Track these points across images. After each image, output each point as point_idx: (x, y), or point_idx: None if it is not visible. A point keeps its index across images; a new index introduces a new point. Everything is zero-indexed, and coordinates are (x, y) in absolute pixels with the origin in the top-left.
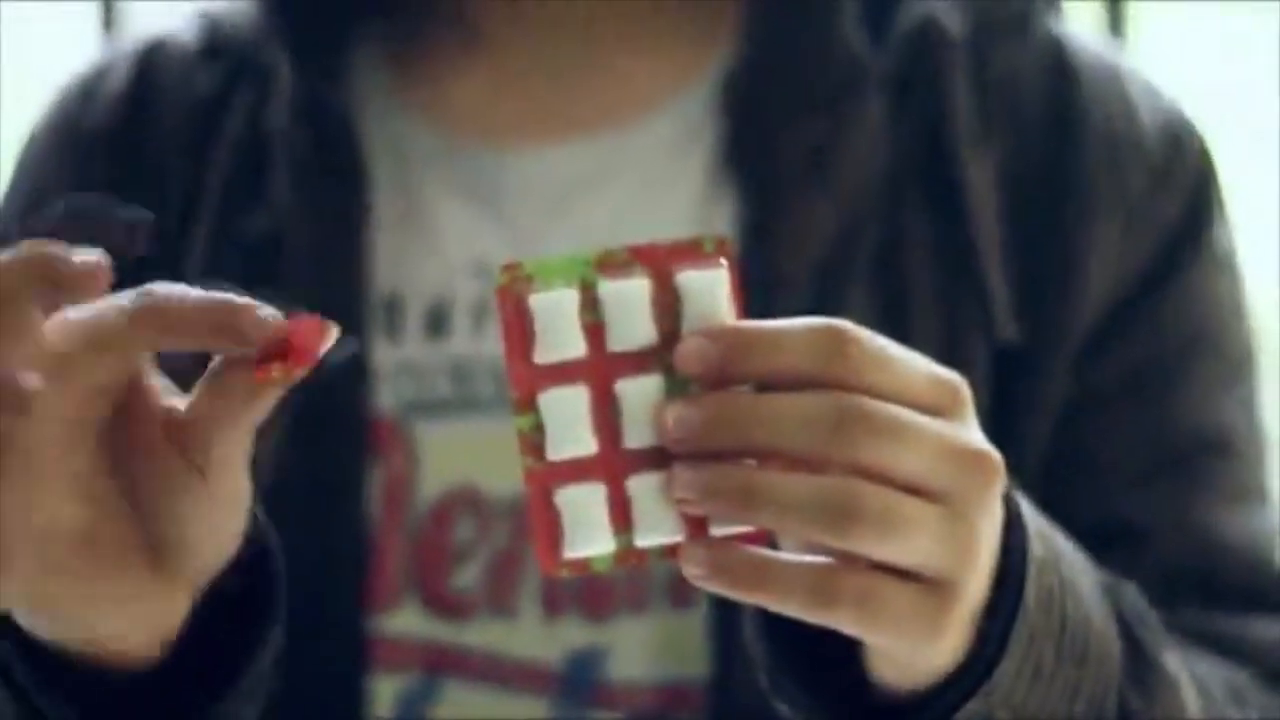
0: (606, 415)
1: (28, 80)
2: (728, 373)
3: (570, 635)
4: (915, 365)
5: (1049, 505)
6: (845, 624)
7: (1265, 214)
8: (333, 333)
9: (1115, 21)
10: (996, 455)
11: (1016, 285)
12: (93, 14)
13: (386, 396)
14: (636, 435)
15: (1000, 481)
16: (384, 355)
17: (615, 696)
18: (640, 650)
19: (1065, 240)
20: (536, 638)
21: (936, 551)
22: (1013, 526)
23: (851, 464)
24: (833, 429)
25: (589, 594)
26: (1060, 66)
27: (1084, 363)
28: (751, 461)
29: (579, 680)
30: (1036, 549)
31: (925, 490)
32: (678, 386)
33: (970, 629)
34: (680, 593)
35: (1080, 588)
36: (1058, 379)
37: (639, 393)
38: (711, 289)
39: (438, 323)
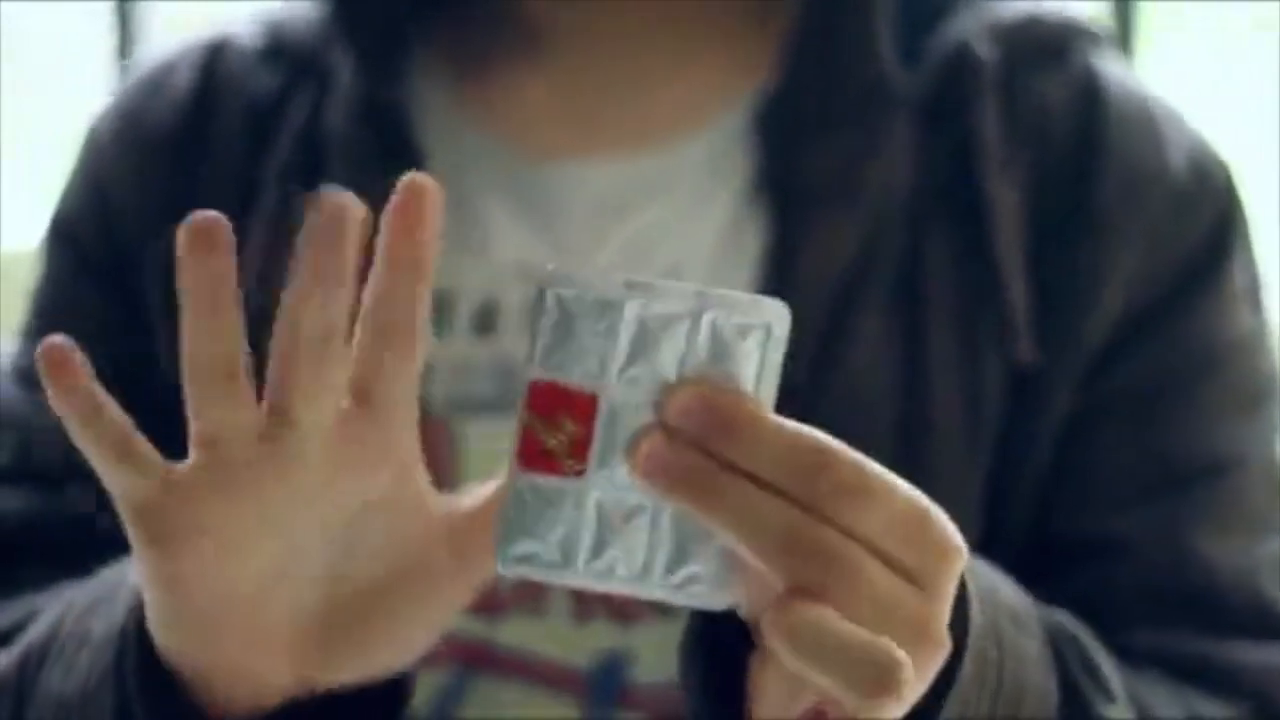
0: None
1: (29, 80)
2: (696, 440)
3: (598, 637)
4: (893, 506)
5: (1049, 516)
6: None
7: (1269, 217)
8: None
9: (1124, 23)
10: (959, 541)
11: (1035, 308)
12: (104, 13)
13: (434, 392)
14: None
15: (960, 566)
16: (434, 351)
17: (641, 699)
18: (664, 655)
19: (1084, 265)
20: (566, 638)
21: (888, 618)
22: (960, 598)
23: (818, 513)
24: (811, 470)
25: (617, 598)
26: (1091, 97)
27: (1090, 379)
28: None
29: (606, 682)
30: (977, 617)
31: (888, 559)
32: None
33: None
34: None
35: (1023, 649)
36: (1067, 397)
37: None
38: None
39: (485, 322)
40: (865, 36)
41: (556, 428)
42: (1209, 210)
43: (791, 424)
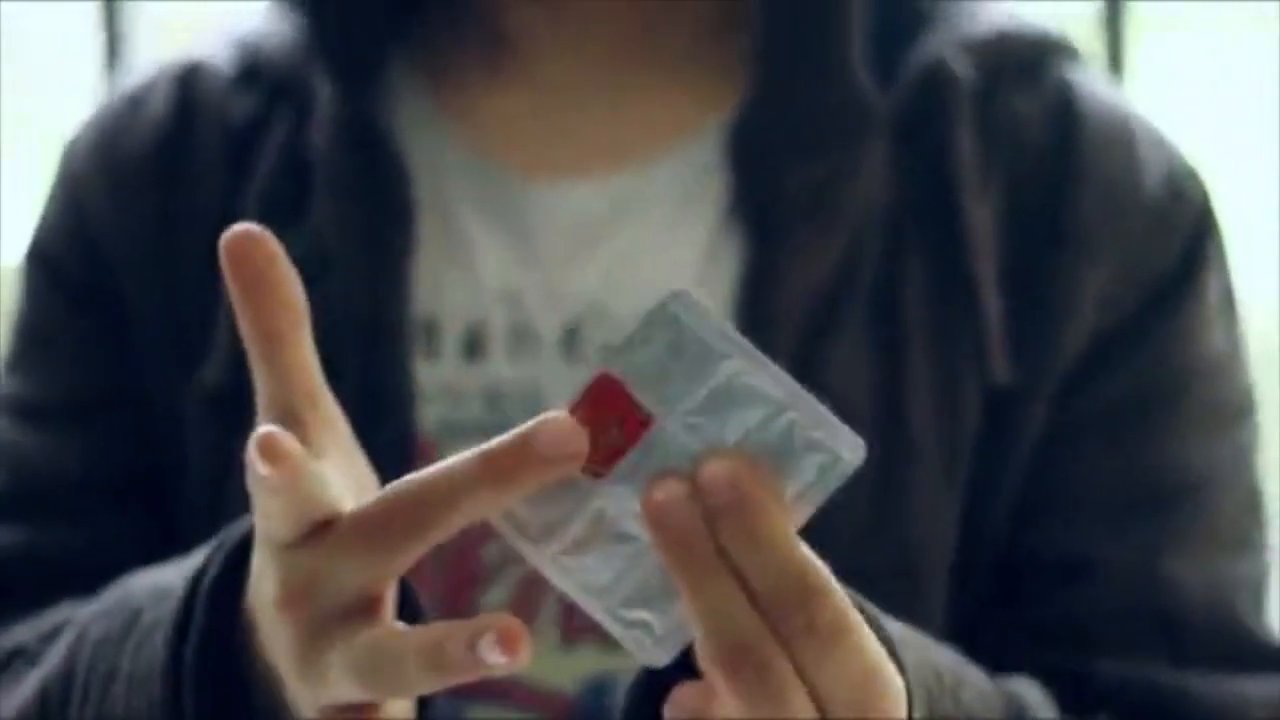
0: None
1: (29, 80)
2: (710, 513)
3: (585, 662)
4: (853, 665)
5: (1023, 534)
6: None
7: (1265, 215)
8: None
9: (1113, 23)
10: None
11: (1011, 327)
12: (91, 13)
13: (426, 417)
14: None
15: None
16: (424, 376)
17: None
18: None
19: (1059, 284)
20: (553, 663)
21: None
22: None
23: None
24: (795, 600)
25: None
26: (1065, 112)
27: (1064, 396)
28: None
29: (593, 706)
30: None
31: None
32: None
33: None
34: None
35: None
36: (1043, 415)
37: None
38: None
39: (473, 346)
40: (839, 56)
41: (603, 427)
42: (1183, 227)
43: (803, 550)
